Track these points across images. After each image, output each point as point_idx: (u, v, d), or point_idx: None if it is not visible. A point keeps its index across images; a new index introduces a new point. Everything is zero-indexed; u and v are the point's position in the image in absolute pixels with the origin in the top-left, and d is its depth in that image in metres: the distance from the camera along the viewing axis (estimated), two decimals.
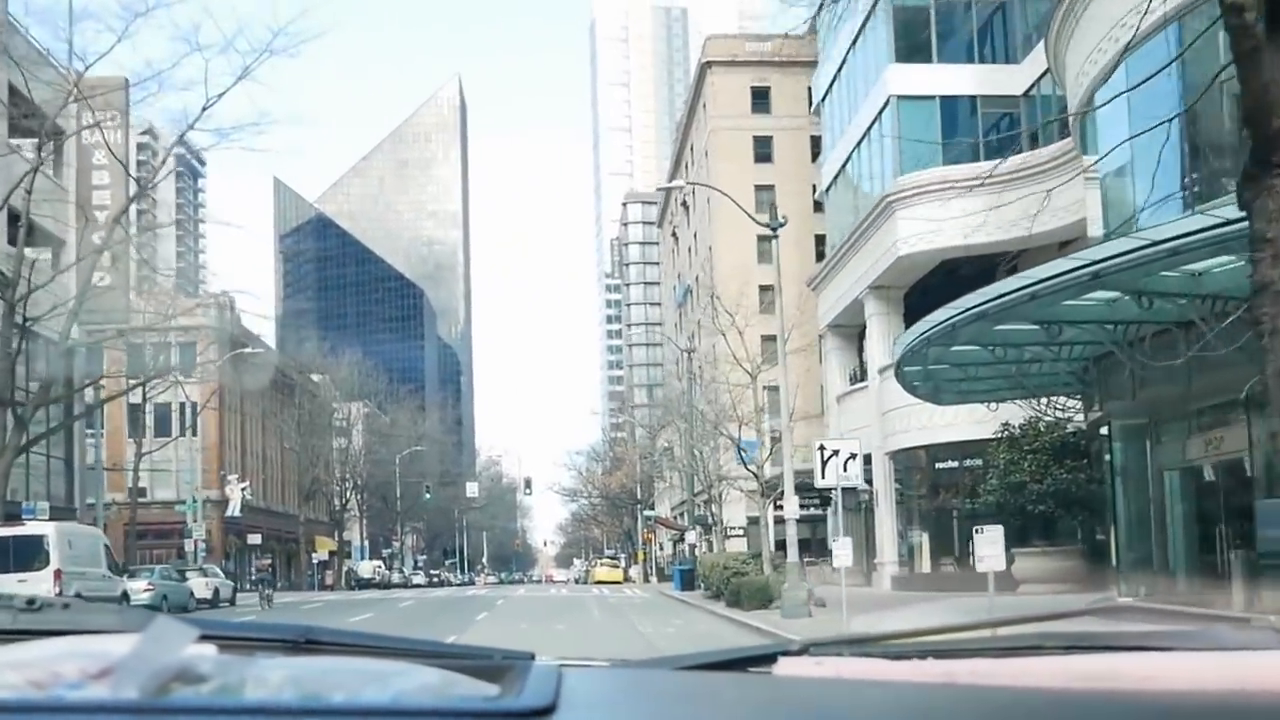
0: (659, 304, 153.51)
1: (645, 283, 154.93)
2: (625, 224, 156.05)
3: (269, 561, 67.07)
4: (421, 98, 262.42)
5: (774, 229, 25.58)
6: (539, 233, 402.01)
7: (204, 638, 1.23)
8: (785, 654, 1.45)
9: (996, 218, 30.00)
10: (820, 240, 67.47)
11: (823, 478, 23.66)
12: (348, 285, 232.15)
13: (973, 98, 31.45)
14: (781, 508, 38.19)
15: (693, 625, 26.22)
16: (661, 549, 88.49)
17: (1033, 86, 31.18)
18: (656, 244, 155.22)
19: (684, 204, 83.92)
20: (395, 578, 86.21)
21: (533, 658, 1.42)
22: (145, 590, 32.53)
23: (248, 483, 65.74)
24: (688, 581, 44.94)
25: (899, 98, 31.54)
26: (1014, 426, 27.79)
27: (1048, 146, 29.05)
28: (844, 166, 37.88)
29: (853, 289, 38.64)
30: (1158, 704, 1.19)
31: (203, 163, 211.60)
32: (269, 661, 1.20)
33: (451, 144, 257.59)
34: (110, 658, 1.10)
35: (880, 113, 32.44)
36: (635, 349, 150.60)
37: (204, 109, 28.73)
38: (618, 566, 70.77)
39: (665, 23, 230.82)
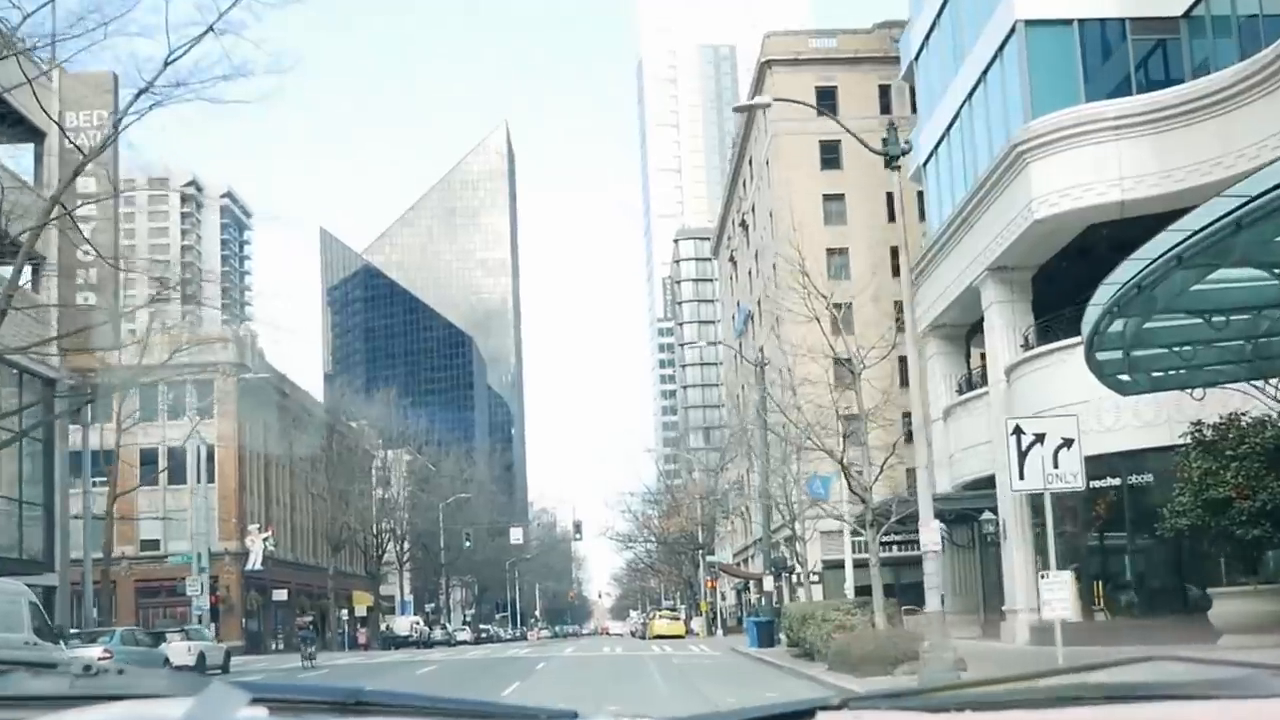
0: (716, 343, 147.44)
1: (700, 321, 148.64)
2: (678, 261, 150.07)
3: (310, 619, 62.30)
4: (468, 146, 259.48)
5: (895, 158, 19.11)
6: (589, 279, 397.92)
7: (256, 700, 1.24)
8: (825, 709, 1.42)
9: (1162, 164, 23.33)
10: (896, 254, 60.96)
11: (1020, 478, 17.02)
12: (395, 335, 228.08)
13: (1121, 21, 24.92)
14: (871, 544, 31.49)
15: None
16: (723, 599, 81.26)
17: (1196, 4, 24.55)
18: (711, 280, 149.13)
19: (742, 224, 77.65)
20: (437, 634, 79.78)
21: (575, 715, 1.40)
22: (101, 658, 26.27)
23: (270, 533, 59.75)
24: (766, 636, 38.14)
25: (1027, 23, 25.11)
26: (1206, 426, 20.86)
27: (1232, 67, 22.36)
28: (950, 128, 31.37)
29: (964, 276, 31.96)
30: None
31: (249, 215, 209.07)
32: None
33: (499, 191, 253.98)
34: None
35: (1003, 45, 26.00)
36: (690, 390, 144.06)
37: (167, 61, 23.01)
38: (678, 619, 63.93)
39: (713, 60, 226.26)
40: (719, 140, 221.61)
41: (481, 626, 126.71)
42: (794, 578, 62.28)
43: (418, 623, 69.80)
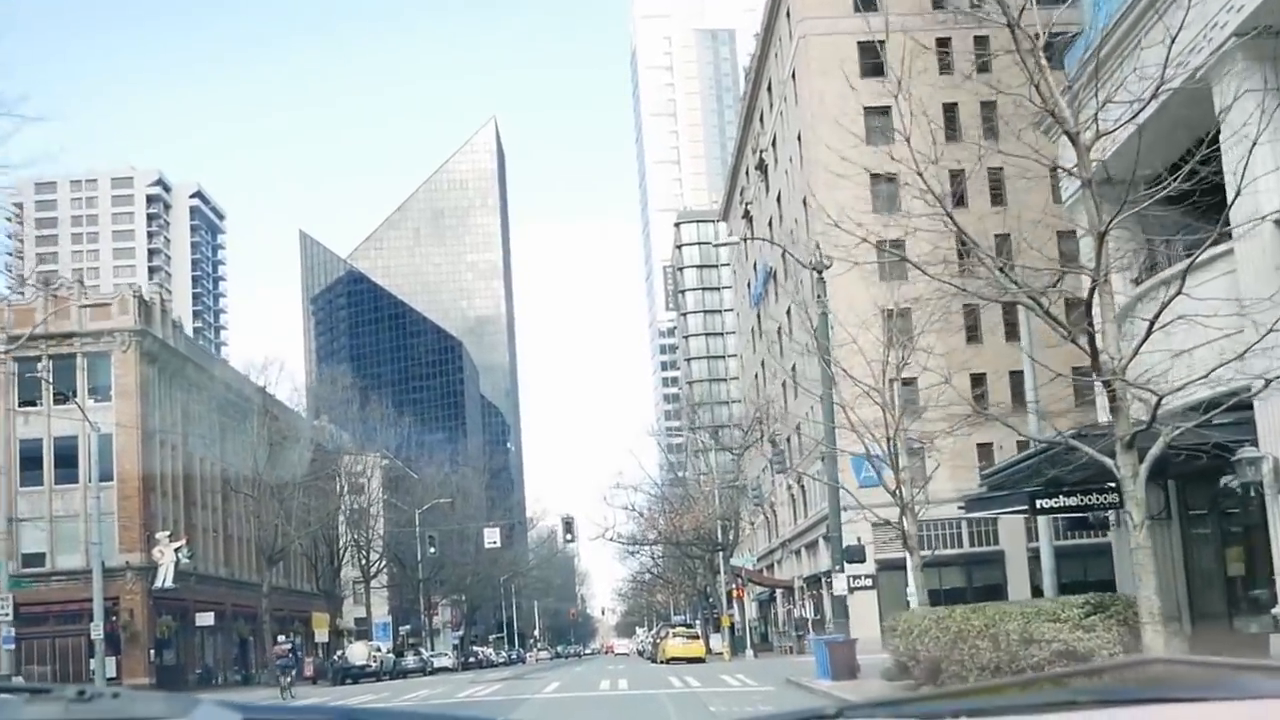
0: (721, 334, 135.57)
1: (705, 311, 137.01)
2: (679, 246, 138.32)
3: (289, 645, 52.70)
4: (455, 145, 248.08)
5: None
6: (586, 282, 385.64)
7: None
8: (821, 718, 1.41)
9: None
10: (958, 178, 49.42)
11: None
12: (382, 343, 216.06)
13: None
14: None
15: None
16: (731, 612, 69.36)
17: None
18: (715, 266, 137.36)
19: (760, 165, 65.69)
20: (410, 661, 67.61)
21: None
22: None
23: (184, 542, 47.65)
24: (843, 662, 26.01)
25: None
26: None
27: None
28: None
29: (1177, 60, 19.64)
30: None
31: (221, 217, 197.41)
32: None
33: (489, 191, 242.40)
34: None
35: None
36: (696, 385, 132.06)
37: None
38: (697, 637, 51.86)
39: (711, 45, 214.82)
40: (719, 130, 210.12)
41: (475, 649, 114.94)
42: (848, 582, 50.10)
43: (378, 649, 57.61)
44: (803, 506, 59.70)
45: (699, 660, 50.48)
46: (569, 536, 51.45)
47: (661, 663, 51.96)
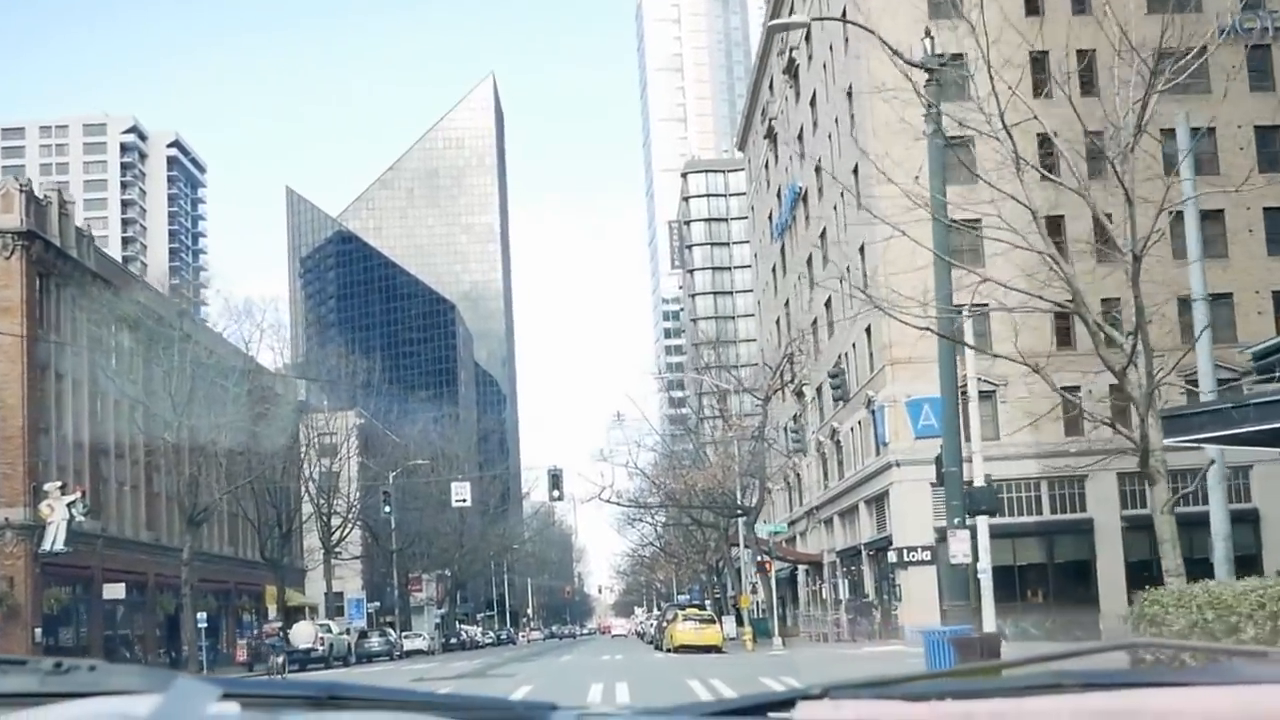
0: (730, 293, 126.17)
1: (714, 268, 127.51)
2: (686, 199, 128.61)
3: (279, 625, 49.86)
4: (451, 101, 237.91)
5: None
6: (588, 249, 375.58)
7: (227, 696, 1.23)
8: (805, 698, 1.42)
9: None
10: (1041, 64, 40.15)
11: None
12: (372, 304, 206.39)
13: None
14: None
15: None
16: (754, 591, 60.08)
17: None
18: (724, 220, 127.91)
19: (789, 68, 56.00)
20: (375, 643, 58.47)
21: (554, 708, 1.38)
22: None
23: (80, 494, 38.33)
24: (970, 659, 16.08)
25: None
26: None
27: None
28: None
29: None
30: None
31: (202, 169, 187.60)
32: (293, 718, 1.23)
33: (487, 150, 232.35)
34: (135, 718, 1.14)
35: None
36: (704, 348, 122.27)
37: None
38: (713, 621, 42.43)
39: None
40: (728, 87, 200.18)
41: (462, 628, 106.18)
42: (892, 558, 40.87)
43: (328, 629, 48.23)
44: (835, 469, 50.43)
45: (715, 649, 41.18)
46: (556, 493, 42.05)
47: (669, 651, 42.73)
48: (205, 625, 42.34)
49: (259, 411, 49.73)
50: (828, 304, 49.90)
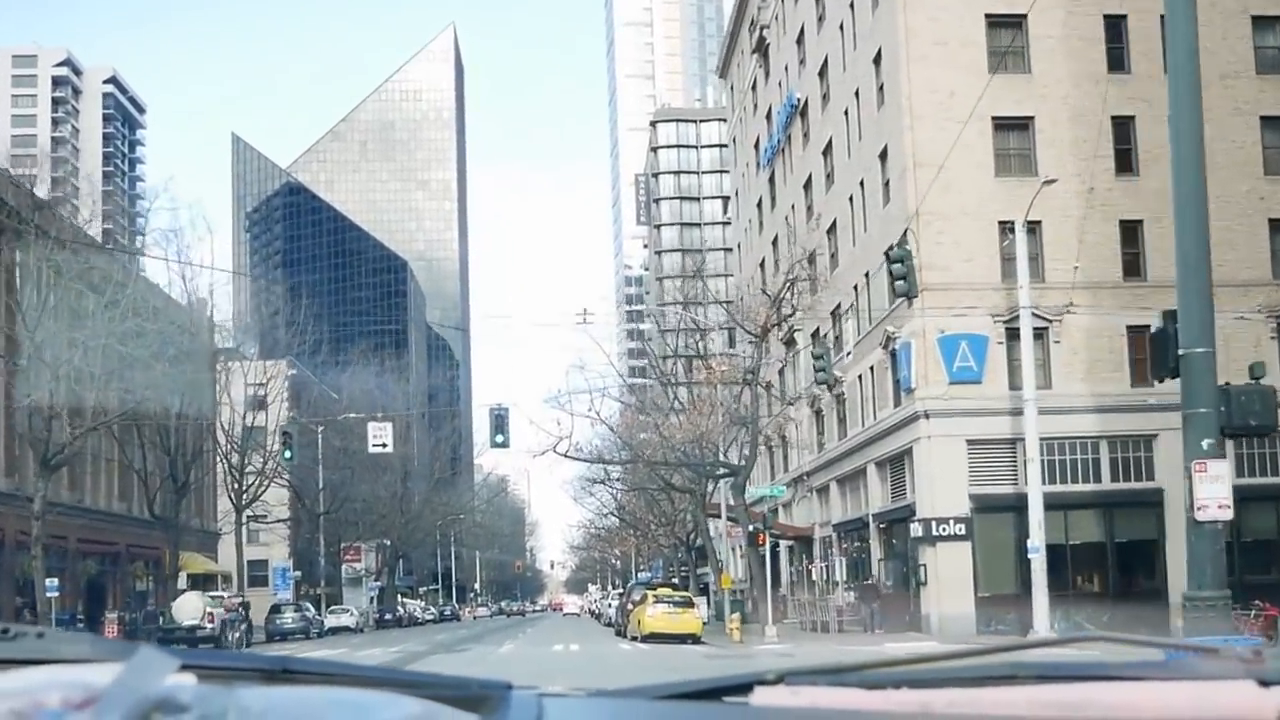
0: (700, 250, 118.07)
1: (682, 224, 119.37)
2: (655, 148, 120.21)
3: (239, 600, 45.49)
4: (410, 51, 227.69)
5: None
6: (548, 210, 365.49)
7: (184, 668, 1.25)
8: (762, 683, 1.43)
9: None
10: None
11: None
12: (321, 259, 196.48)
13: None
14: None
15: None
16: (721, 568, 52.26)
17: None
18: (695, 173, 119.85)
19: None
20: (289, 619, 50.22)
21: (509, 687, 1.39)
22: None
23: None
24: None
25: None
26: None
27: None
28: None
29: None
30: None
31: (142, 110, 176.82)
32: (249, 692, 1.22)
33: (445, 104, 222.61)
34: (93, 688, 1.13)
35: None
36: (671, 312, 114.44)
37: None
38: (692, 605, 34.48)
39: None
40: (699, 42, 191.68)
41: (406, 603, 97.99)
42: (919, 528, 33.07)
43: (210, 605, 39.52)
44: (834, 427, 42.60)
45: (694, 639, 33.28)
46: (500, 438, 33.77)
47: (635, 639, 34.83)
48: (57, 592, 34.07)
49: (151, 340, 41.19)
50: (832, 230, 41.92)
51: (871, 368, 37.22)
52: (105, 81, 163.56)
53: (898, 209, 34.16)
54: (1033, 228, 31.22)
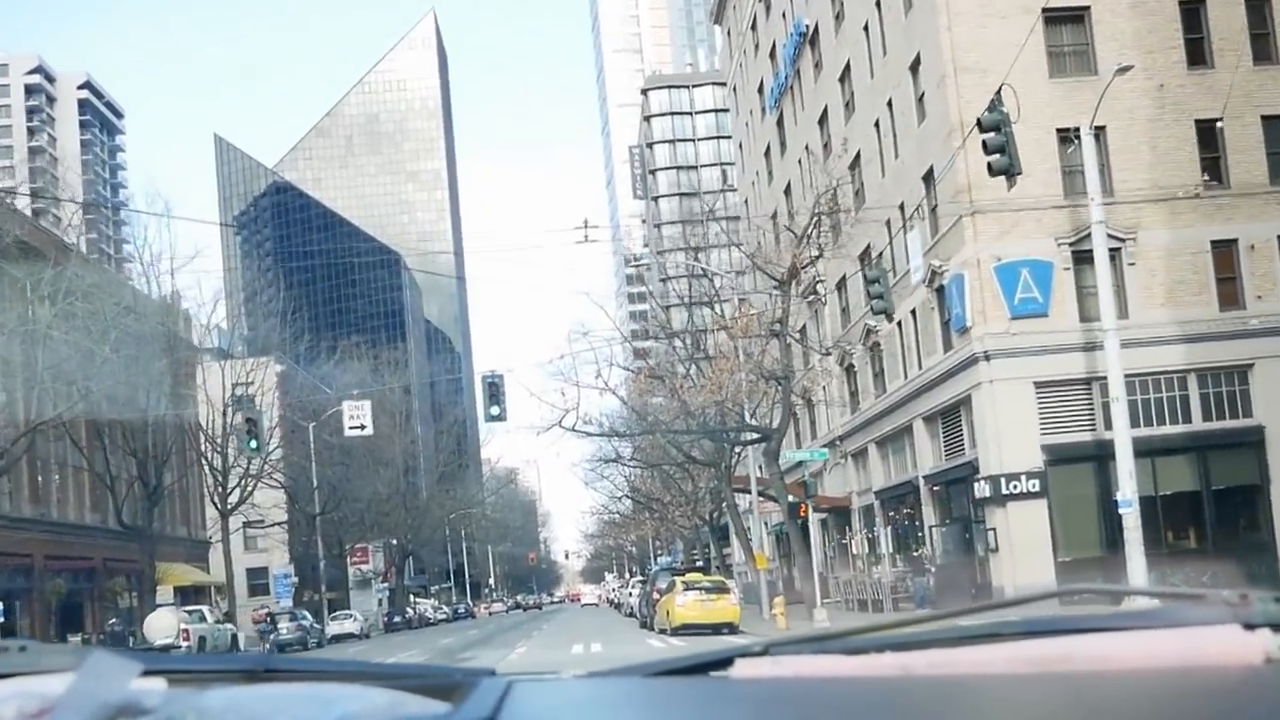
0: (701, 221, 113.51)
1: (680, 194, 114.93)
2: (648, 118, 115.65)
3: (265, 611, 49.01)
4: (390, 41, 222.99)
5: None
6: (541, 197, 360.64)
7: (149, 673, 1.23)
8: (745, 655, 1.44)
9: None
10: None
11: None
12: (315, 259, 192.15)
13: None
14: None
15: None
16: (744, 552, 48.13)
17: None
18: (691, 140, 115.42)
19: None
20: (285, 630, 46.16)
21: (492, 673, 1.38)
22: None
23: None
24: None
25: None
26: None
27: None
28: None
29: None
30: (1109, 683, 1.21)
31: (120, 114, 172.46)
32: (218, 693, 1.20)
33: (430, 93, 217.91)
34: (49, 697, 1.11)
35: None
36: (675, 283, 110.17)
37: None
38: (726, 591, 30.20)
39: None
40: (685, 12, 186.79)
41: (418, 603, 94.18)
42: (978, 489, 28.88)
43: (200, 618, 35.56)
44: (869, 383, 38.36)
45: (730, 629, 29.10)
46: (495, 409, 29.40)
47: (664, 632, 30.67)
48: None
49: (111, 333, 37.05)
50: (855, 164, 37.58)
51: (913, 310, 32.95)
52: (80, 87, 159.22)
53: (936, 124, 29.85)
54: (1096, 134, 26.92)
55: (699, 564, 48.69)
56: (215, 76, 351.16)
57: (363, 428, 43.09)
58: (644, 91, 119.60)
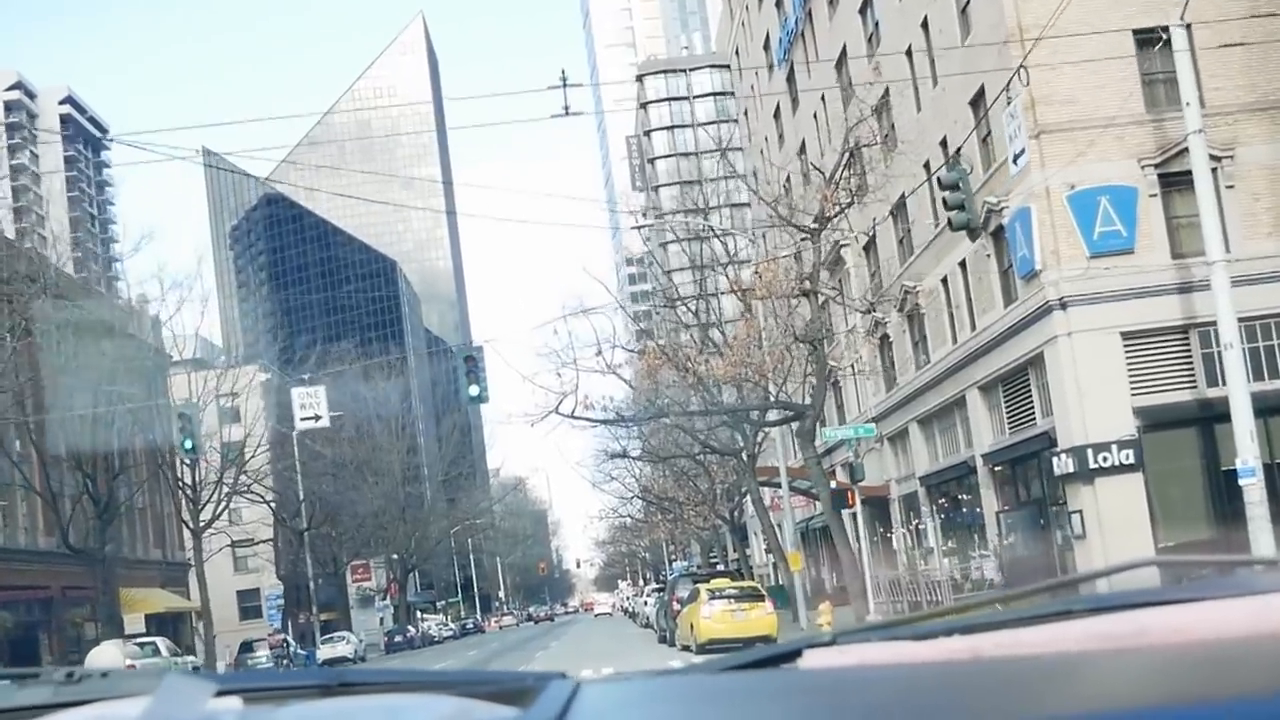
0: (702, 209, 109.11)
1: (681, 182, 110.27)
2: (644, 104, 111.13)
3: (282, 635, 48.48)
4: (379, 46, 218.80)
5: None
6: (538, 191, 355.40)
7: (224, 692, 1.24)
8: (813, 646, 1.44)
9: None
10: None
11: None
12: (310, 270, 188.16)
13: None
14: None
15: None
16: (766, 552, 43.17)
17: None
18: (689, 126, 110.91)
19: None
20: (264, 659, 41.56)
21: (564, 676, 1.37)
22: None
23: None
24: None
25: None
26: None
27: None
28: None
29: None
30: (1186, 656, 1.19)
31: (104, 130, 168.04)
32: (292, 709, 1.22)
33: (421, 97, 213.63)
34: None
35: None
36: (679, 275, 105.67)
37: None
38: (761, 599, 25.57)
39: None
40: (679, 3, 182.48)
41: (426, 619, 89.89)
42: (1059, 464, 24.13)
43: (153, 651, 31.10)
44: (909, 353, 33.73)
45: (768, 642, 24.43)
46: (474, 388, 24.70)
47: (687, 649, 26.05)
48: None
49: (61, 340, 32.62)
50: (883, 105, 32.88)
51: (963, 262, 28.30)
52: (61, 102, 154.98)
53: (987, 32, 25.19)
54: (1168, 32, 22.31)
55: (722, 567, 43.99)
56: (202, 90, 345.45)
57: (317, 418, 38.47)
58: (639, 78, 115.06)
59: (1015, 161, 21.42)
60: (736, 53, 57.08)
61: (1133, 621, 1.26)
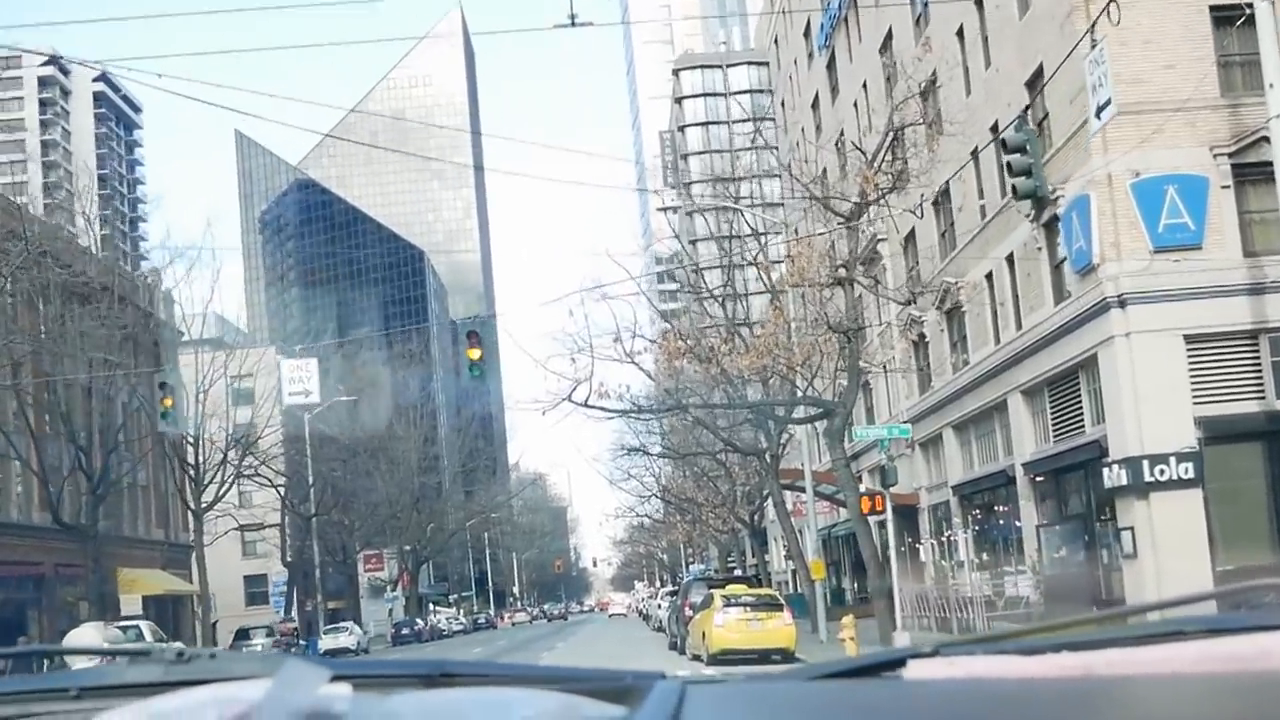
0: (734, 208, 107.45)
1: (714, 179, 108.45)
2: (679, 99, 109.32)
3: (293, 625, 48.72)
4: (415, 36, 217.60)
5: None
6: (569, 186, 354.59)
7: (337, 678, 1.28)
8: (916, 656, 1.41)
9: None
10: None
11: None
12: (338, 258, 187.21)
13: None
14: None
15: None
16: (783, 557, 41.05)
17: None
18: (724, 123, 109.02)
19: None
20: (260, 649, 39.99)
21: (662, 676, 1.39)
22: None
23: None
24: None
25: None
26: None
27: None
28: None
29: None
30: None
31: (137, 109, 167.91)
32: (401, 698, 1.27)
33: (456, 89, 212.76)
34: (247, 702, 1.16)
35: None
36: (711, 273, 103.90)
37: None
38: (779, 608, 23.73)
39: None
40: (717, 2, 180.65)
41: (439, 612, 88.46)
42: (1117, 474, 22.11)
43: (136, 635, 29.70)
44: (944, 355, 31.83)
45: (784, 657, 22.61)
46: (475, 365, 23.05)
47: (697, 658, 24.25)
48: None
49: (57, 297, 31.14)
50: (929, 89, 30.96)
51: (1010, 256, 26.37)
52: (95, 80, 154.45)
53: (1049, 4, 23.26)
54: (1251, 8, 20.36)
55: (739, 572, 42.17)
56: (237, 74, 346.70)
57: (306, 394, 36.85)
58: (675, 72, 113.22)
59: (1099, 116, 19.40)
60: (775, 42, 55.20)
61: (1253, 644, 1.19)
